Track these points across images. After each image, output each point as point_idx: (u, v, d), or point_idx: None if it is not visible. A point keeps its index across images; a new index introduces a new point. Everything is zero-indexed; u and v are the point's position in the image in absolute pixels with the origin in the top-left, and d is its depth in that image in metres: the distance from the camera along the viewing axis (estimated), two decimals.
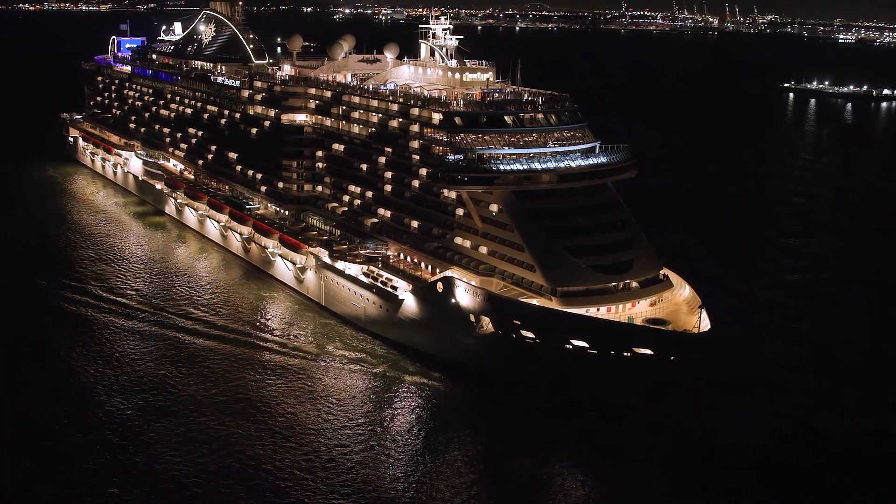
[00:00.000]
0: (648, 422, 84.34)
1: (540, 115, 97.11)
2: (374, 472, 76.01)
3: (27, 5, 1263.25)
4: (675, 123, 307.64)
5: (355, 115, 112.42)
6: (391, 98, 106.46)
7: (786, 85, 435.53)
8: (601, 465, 78.70)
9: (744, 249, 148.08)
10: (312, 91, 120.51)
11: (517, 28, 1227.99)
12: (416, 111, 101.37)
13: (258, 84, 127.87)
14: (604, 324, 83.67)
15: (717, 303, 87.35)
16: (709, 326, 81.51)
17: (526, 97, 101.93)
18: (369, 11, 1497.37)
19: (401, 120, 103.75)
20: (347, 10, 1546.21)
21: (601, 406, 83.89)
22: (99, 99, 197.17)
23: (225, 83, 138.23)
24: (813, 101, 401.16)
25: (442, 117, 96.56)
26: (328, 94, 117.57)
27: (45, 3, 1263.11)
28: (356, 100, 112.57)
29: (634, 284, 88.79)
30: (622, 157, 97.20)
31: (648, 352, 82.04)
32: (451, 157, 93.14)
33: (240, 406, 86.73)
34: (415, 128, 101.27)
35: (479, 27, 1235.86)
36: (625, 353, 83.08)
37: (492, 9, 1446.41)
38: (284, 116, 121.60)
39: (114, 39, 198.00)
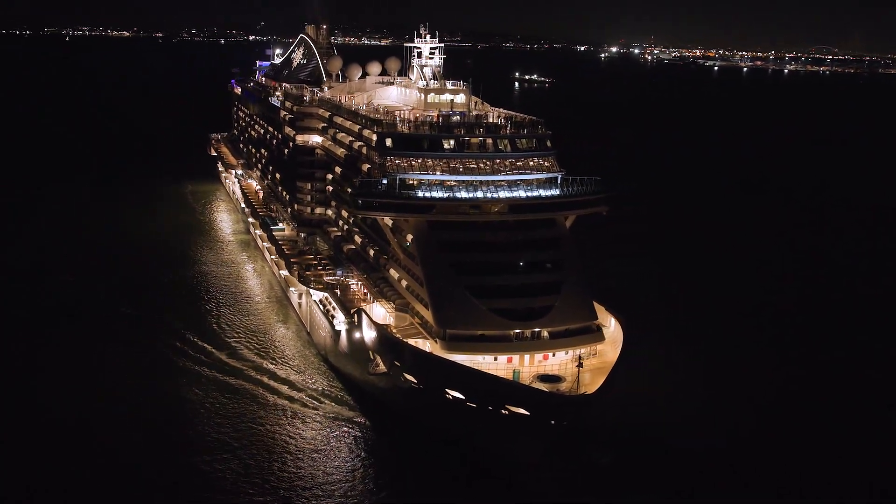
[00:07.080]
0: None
1: (489, 141, 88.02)
2: None
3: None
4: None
5: (340, 136, 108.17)
6: (356, 119, 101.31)
7: None
8: None
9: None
10: (320, 112, 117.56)
11: (786, 70, 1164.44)
12: (366, 132, 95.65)
13: (288, 105, 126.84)
14: (476, 375, 73.06)
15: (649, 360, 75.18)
16: (596, 388, 69.78)
17: (500, 121, 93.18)
18: (637, 51, 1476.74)
19: (360, 143, 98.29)
20: (614, 49, 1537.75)
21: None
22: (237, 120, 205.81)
23: (273, 104, 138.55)
24: None
25: (376, 138, 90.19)
26: (328, 114, 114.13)
27: (333, 38, 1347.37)
28: (339, 121, 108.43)
29: (545, 334, 77.78)
30: (581, 191, 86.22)
31: (524, 411, 71.35)
32: (383, 181, 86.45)
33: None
34: (365, 150, 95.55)
35: (745, 69, 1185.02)
36: (502, 411, 72.76)
37: (773, 51, 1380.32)
38: (299, 137, 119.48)
39: (257, 63, 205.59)
